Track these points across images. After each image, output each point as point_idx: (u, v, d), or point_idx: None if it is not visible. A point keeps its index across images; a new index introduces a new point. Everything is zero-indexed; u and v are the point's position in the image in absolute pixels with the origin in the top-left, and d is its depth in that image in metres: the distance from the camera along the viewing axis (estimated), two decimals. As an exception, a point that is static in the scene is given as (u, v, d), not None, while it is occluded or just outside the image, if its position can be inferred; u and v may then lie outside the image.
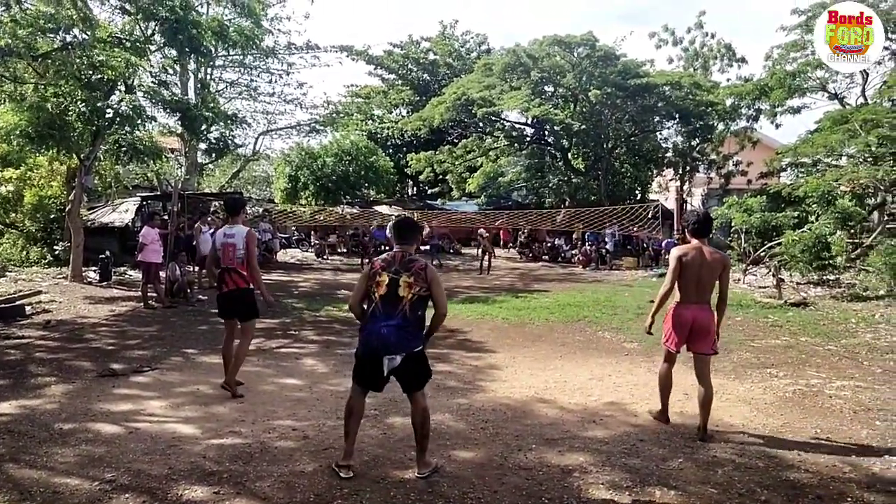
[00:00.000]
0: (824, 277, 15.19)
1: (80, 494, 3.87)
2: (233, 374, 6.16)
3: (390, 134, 34.52)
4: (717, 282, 5.20)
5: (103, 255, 15.50)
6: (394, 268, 4.23)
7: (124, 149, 14.13)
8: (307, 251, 25.92)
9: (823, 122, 19.75)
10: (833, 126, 18.46)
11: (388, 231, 4.53)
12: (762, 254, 15.93)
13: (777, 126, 25.48)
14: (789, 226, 15.27)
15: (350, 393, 4.36)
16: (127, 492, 3.92)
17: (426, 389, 4.34)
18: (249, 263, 6.16)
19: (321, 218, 25.89)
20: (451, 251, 26.41)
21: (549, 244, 25.95)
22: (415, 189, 40.30)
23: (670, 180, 30.19)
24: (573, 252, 24.19)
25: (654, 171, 30.44)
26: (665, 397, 5.42)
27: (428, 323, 4.34)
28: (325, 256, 24.58)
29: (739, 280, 16.42)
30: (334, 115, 30.88)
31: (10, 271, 15.57)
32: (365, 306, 4.28)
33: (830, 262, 14.17)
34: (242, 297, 6.17)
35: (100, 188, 20.03)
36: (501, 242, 28.56)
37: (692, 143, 27.27)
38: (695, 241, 5.24)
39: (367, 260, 19.33)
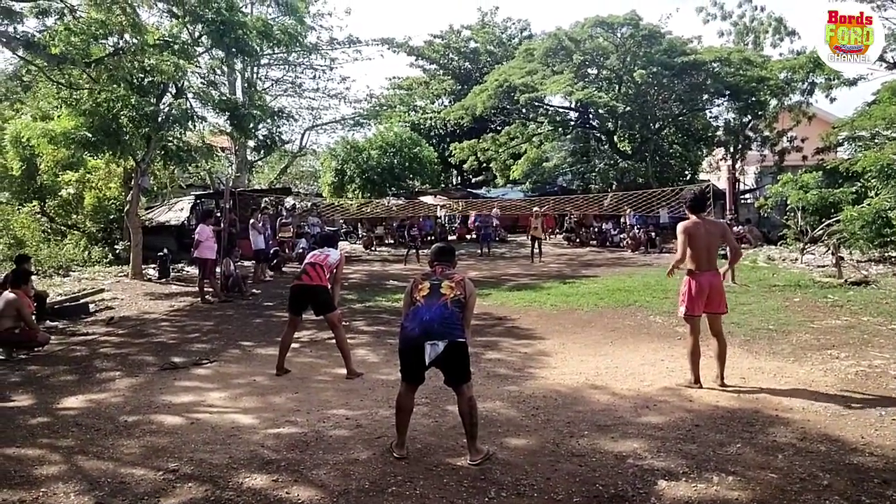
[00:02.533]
0: (886, 254, 14.61)
1: (146, 484, 4.03)
2: (349, 364, 6.63)
3: (433, 124, 34.57)
4: (726, 244, 6.16)
5: (161, 253, 16.01)
6: (434, 278, 4.51)
7: (173, 151, 14.51)
8: (355, 243, 26.25)
9: (882, 94, 18.89)
10: (892, 97, 17.64)
11: (430, 251, 4.94)
12: (820, 232, 15.40)
13: (832, 100, 24.45)
14: (848, 202, 14.72)
15: (399, 390, 4.50)
16: (190, 481, 4.06)
17: (472, 381, 4.43)
18: (336, 272, 6.83)
19: (368, 210, 26.14)
20: (497, 238, 26.33)
21: (596, 229, 25.63)
22: (459, 178, 40.29)
23: (721, 159, 29.37)
24: (622, 236, 23.84)
25: (705, 151, 29.66)
26: (697, 365, 5.88)
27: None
28: (372, 248, 24.84)
29: (797, 260, 15.93)
30: (377, 107, 31.10)
31: (73, 271, 16.23)
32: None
33: (892, 238, 13.60)
34: (319, 294, 6.65)
35: (155, 188, 20.65)
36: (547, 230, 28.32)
37: (744, 121, 26.46)
38: (694, 217, 5.92)
39: (413, 251, 19.38)
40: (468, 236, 26.77)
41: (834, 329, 8.24)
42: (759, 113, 25.39)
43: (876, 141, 18.59)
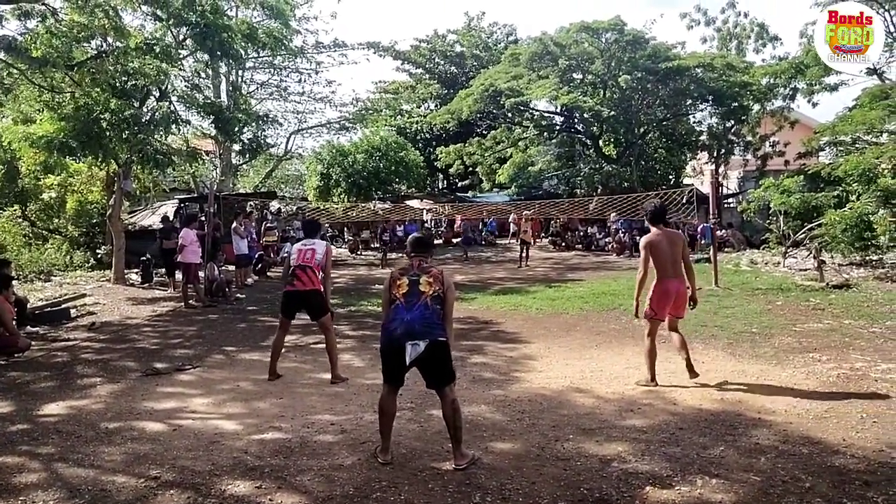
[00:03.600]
0: (867, 258, 14.77)
1: (127, 491, 3.98)
2: (335, 368, 6.59)
3: (419, 128, 34.58)
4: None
5: (144, 258, 15.87)
6: (412, 272, 4.46)
7: (150, 155, 14.38)
8: (341, 247, 26.16)
9: (862, 99, 19.13)
10: (872, 102, 17.87)
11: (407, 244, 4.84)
12: (802, 236, 15.56)
13: (814, 105, 24.87)
14: (829, 206, 14.88)
15: (381, 393, 4.49)
16: (172, 488, 4.02)
17: (455, 384, 4.45)
18: (325, 268, 6.65)
19: (353, 214, 26.09)
20: (483, 242, 26.37)
21: (581, 233, 25.74)
22: (445, 182, 40.32)
23: (705, 164, 29.62)
24: (607, 240, 23.96)
25: (688, 156, 29.92)
26: (654, 365, 6.21)
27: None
28: (358, 252, 24.77)
29: (780, 264, 16.07)
30: (363, 111, 31.06)
31: (55, 276, 16.04)
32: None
33: (873, 241, 13.78)
34: (314, 299, 6.58)
35: (138, 192, 20.47)
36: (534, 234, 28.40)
37: (727, 125, 26.70)
38: (655, 229, 6.23)
39: (386, 256, 19.30)
40: (454, 240, 26.78)
41: (816, 332, 8.32)
42: (742, 118, 25.64)
43: (857, 146, 18.81)
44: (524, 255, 19.47)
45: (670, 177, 29.85)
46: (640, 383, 6.18)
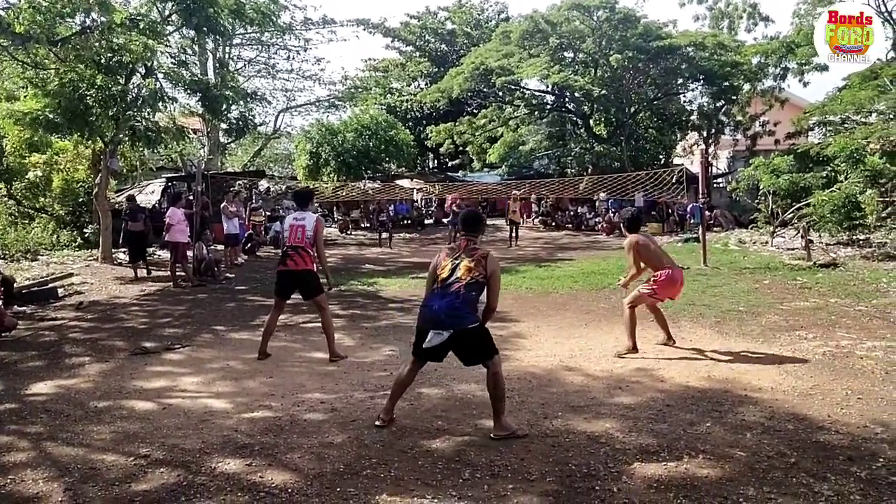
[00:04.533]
0: (854, 237, 14.90)
1: (117, 470, 3.98)
2: (332, 347, 6.57)
3: (409, 107, 34.34)
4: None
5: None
6: (458, 254, 4.49)
7: (141, 132, 14.17)
8: (330, 227, 26.07)
9: (852, 79, 19.18)
10: (862, 82, 17.92)
11: (458, 220, 4.99)
12: (790, 215, 15.65)
13: (805, 84, 24.83)
14: (818, 186, 14.96)
15: (406, 360, 4.64)
16: (162, 466, 4.02)
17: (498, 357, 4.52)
18: (317, 245, 6.52)
19: (343, 194, 25.96)
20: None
21: (572, 213, 25.78)
22: (435, 161, 40.18)
23: (694, 143, 29.64)
24: (597, 220, 24.01)
25: (679, 135, 29.90)
26: (634, 333, 6.49)
27: (481, 311, 4.53)
28: (348, 232, 24.71)
29: (768, 243, 16.18)
30: (353, 90, 30.77)
31: (41, 255, 15.89)
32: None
33: (860, 221, 13.87)
34: (308, 279, 6.52)
35: (125, 171, 20.24)
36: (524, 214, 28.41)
37: (717, 105, 26.70)
38: (632, 236, 6.61)
39: (388, 236, 19.17)
40: (445, 220, 26.74)
41: (802, 310, 8.39)
42: (733, 97, 25.64)
43: (846, 126, 18.89)
44: (513, 234, 19.51)
45: (660, 156, 29.83)
46: (621, 354, 6.39)
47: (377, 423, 4.55)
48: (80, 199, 18.15)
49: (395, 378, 4.66)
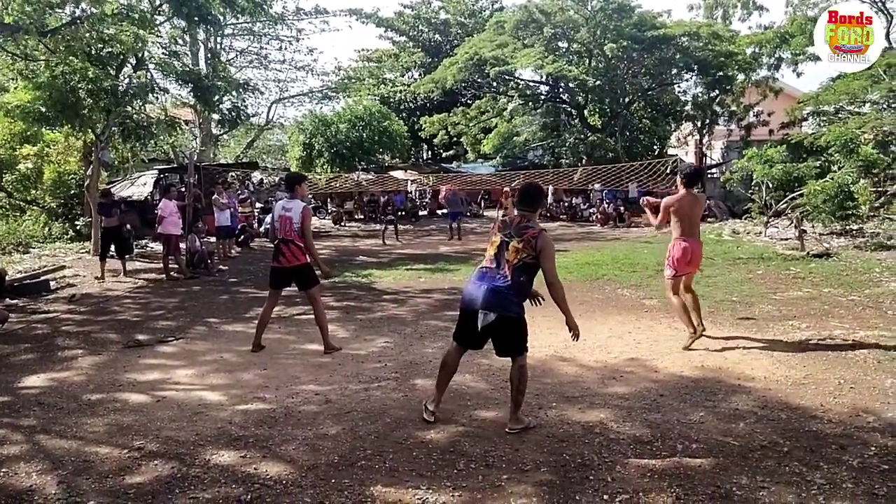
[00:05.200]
0: (847, 227, 14.96)
1: (111, 462, 3.97)
2: (326, 338, 6.52)
3: (403, 98, 34.22)
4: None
5: (124, 229, 15.65)
6: (508, 231, 4.30)
7: (131, 128, 14.03)
8: (324, 219, 26.01)
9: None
10: (856, 73, 17.94)
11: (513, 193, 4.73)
12: (784, 206, 15.69)
13: (799, 74, 24.85)
14: (811, 176, 15.01)
15: (449, 347, 4.59)
16: (156, 458, 4.02)
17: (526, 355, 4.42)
18: (304, 235, 6.38)
19: (337, 185, 25.89)
20: (468, 214, 26.31)
21: (566, 203, 25.78)
22: (429, 153, 40.11)
23: (689, 134, 29.67)
24: (591, 211, 24.03)
25: (673, 126, 29.90)
26: (688, 316, 6.37)
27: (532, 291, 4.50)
28: (342, 223, 24.65)
29: (761, 233, 16.22)
30: (346, 80, 30.60)
31: (33, 247, 15.82)
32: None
33: (854, 211, 13.94)
34: (301, 273, 6.44)
35: (116, 162, 20.13)
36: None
37: (711, 95, 26.69)
38: (683, 190, 6.47)
39: (388, 228, 18.97)
40: (439, 211, 26.70)
41: (796, 300, 8.43)
42: (727, 88, 25.61)
43: (840, 116, 18.92)
44: None
45: (655, 147, 29.86)
46: (688, 347, 6.21)
47: (427, 417, 4.44)
48: (72, 192, 18.04)
49: (441, 364, 4.54)
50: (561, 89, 28.90)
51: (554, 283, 4.27)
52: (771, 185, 16.59)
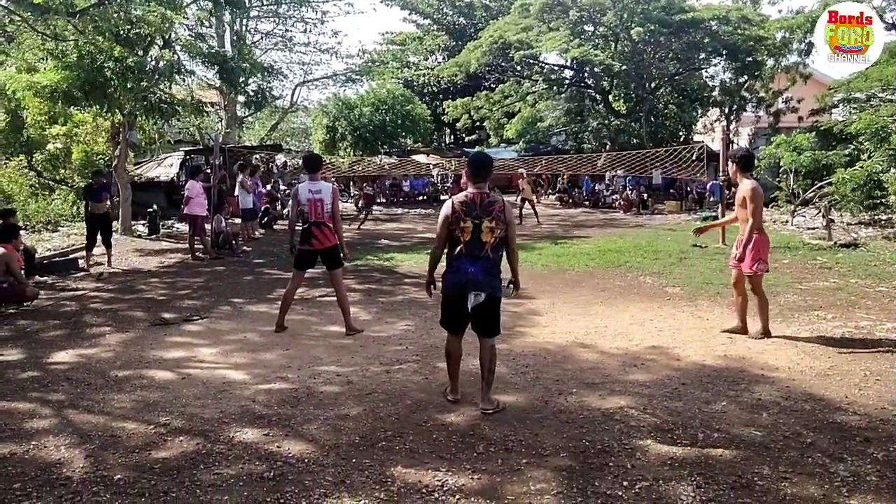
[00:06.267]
0: (876, 217, 14.67)
1: (137, 437, 4.06)
2: (348, 320, 6.59)
3: (426, 81, 34.06)
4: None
5: (151, 209, 15.90)
6: (475, 212, 4.34)
7: (154, 104, 14.12)
8: (346, 202, 26.09)
9: (879, 55, 18.70)
10: (889, 59, 17.46)
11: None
12: (811, 194, 15.42)
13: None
14: (840, 164, 14.69)
15: (446, 339, 4.63)
16: (181, 434, 4.10)
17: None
18: (334, 217, 6.48)
19: (359, 168, 25.94)
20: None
21: (589, 190, 25.57)
22: (452, 137, 39.93)
23: (716, 120, 29.19)
24: (614, 197, 23.83)
25: (700, 112, 29.46)
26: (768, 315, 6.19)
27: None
28: (361, 208, 24.69)
29: (788, 222, 15.98)
30: (370, 63, 30.57)
31: (62, 226, 16.10)
32: (446, 249, 4.49)
33: (883, 201, 13.65)
34: (332, 253, 6.54)
35: (144, 143, 20.36)
36: (542, 189, 28.24)
37: (740, 81, 26.21)
38: (750, 179, 6.03)
39: (364, 214, 18.99)
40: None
41: (822, 290, 8.31)
42: (756, 73, 25.12)
43: (871, 103, 18.48)
44: (529, 211, 19.10)
45: (680, 133, 29.46)
46: (758, 343, 5.95)
47: (449, 398, 4.58)
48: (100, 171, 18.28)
49: (446, 354, 4.62)
50: (586, 74, 28.56)
51: (515, 250, 4.53)
52: (799, 173, 16.29)
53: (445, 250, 4.50)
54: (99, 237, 11.23)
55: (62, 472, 3.63)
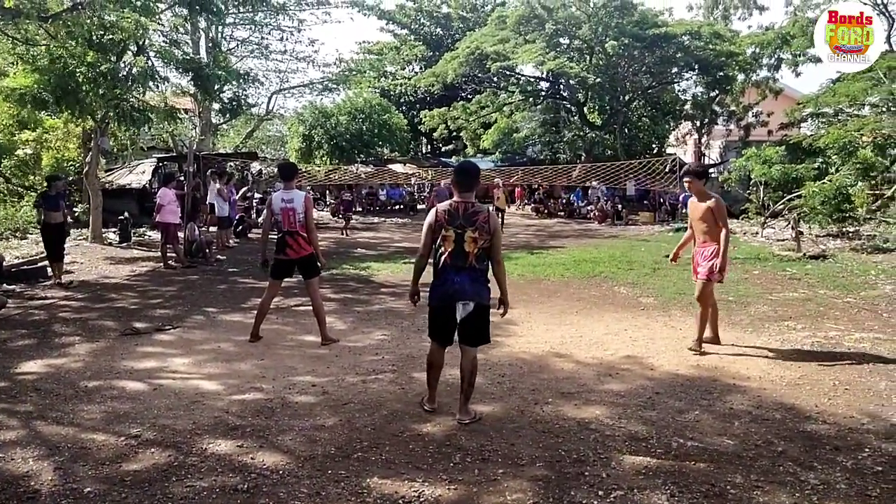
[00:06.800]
0: (844, 229, 15.00)
1: (108, 449, 3.98)
2: (323, 330, 6.53)
3: (403, 91, 34.15)
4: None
5: (122, 217, 15.66)
6: (458, 222, 4.32)
7: (126, 112, 13.92)
8: (322, 210, 25.99)
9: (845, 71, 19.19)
10: (856, 75, 17.94)
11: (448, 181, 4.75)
12: (781, 206, 15.72)
13: (798, 75, 24.96)
14: (809, 177, 15.02)
15: (430, 349, 4.60)
16: (153, 446, 4.02)
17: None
18: (308, 226, 6.39)
19: (336, 177, 25.86)
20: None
21: (564, 200, 25.80)
22: (429, 146, 40.03)
23: (688, 133, 29.70)
24: (589, 208, 24.05)
25: (672, 124, 29.95)
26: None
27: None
28: (340, 215, 24.61)
29: (758, 233, 16.26)
30: (347, 72, 30.49)
31: (31, 233, 15.77)
32: (432, 259, 4.47)
33: (851, 213, 13.97)
34: (308, 262, 6.46)
35: (116, 150, 20.07)
36: (517, 200, 28.45)
37: (711, 95, 26.72)
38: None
39: (345, 223, 19.00)
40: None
41: (791, 301, 8.46)
42: (727, 88, 25.64)
43: (839, 118, 18.94)
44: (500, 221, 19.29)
45: (654, 145, 29.93)
46: (694, 350, 6.00)
47: (426, 408, 4.56)
48: (71, 178, 17.99)
49: (427, 364, 4.60)
50: (561, 86, 28.88)
51: (500, 262, 4.47)
52: (769, 186, 16.61)
53: (431, 259, 4.49)
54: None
55: (30, 484, 3.55)
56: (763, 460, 3.81)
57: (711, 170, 27.60)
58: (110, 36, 12.68)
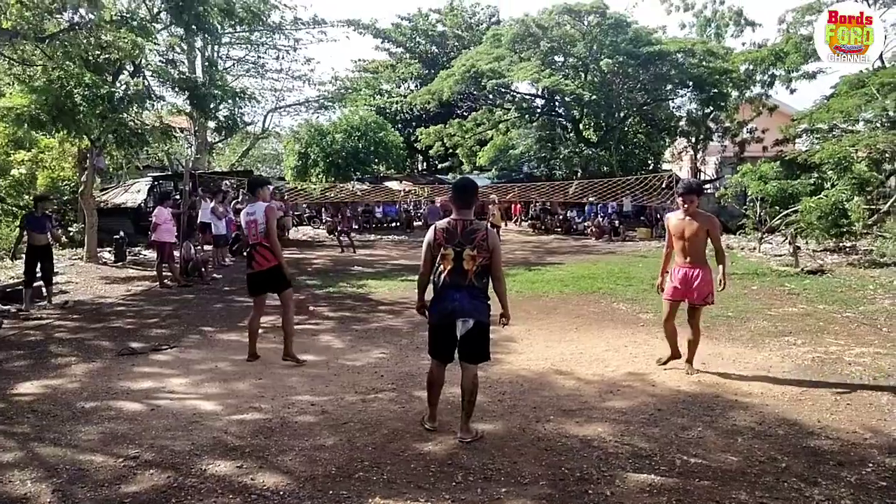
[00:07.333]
0: (841, 244, 15.04)
1: (106, 471, 3.93)
2: (289, 346, 6.40)
3: (399, 108, 34.28)
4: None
5: (117, 236, 15.62)
6: (457, 240, 4.32)
7: (125, 136, 13.91)
8: (318, 228, 25.97)
9: (840, 87, 19.36)
10: (850, 90, 18.10)
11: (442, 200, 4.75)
12: (778, 222, 15.77)
13: (792, 92, 25.16)
14: (805, 193, 15.08)
15: (430, 367, 4.56)
16: (151, 467, 3.97)
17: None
18: (269, 236, 6.30)
19: (332, 195, 25.87)
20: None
21: (561, 216, 25.85)
22: (425, 164, 40.15)
23: (683, 150, 29.84)
24: (586, 224, 24.09)
25: (667, 141, 30.09)
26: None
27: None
28: (336, 233, 24.58)
29: (756, 249, 16.29)
30: (342, 90, 30.64)
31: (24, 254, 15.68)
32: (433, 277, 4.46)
33: (847, 228, 14.00)
34: (274, 274, 6.37)
35: (111, 169, 20.07)
36: (514, 217, 28.50)
37: (706, 111, 26.89)
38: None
39: (342, 238, 18.94)
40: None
41: (791, 316, 8.45)
42: (721, 104, 25.81)
43: (833, 133, 19.09)
44: None
45: (649, 162, 30.04)
46: (689, 373, 5.87)
47: (427, 426, 4.53)
48: (66, 198, 17.98)
49: (428, 383, 4.57)
50: (557, 103, 29.02)
51: (501, 278, 4.49)
52: (766, 201, 16.67)
53: (432, 277, 4.47)
54: (39, 272, 10.00)
55: (26, 508, 3.49)
56: (767, 476, 3.78)
57: (707, 186, 27.77)
58: (107, 56, 12.75)
